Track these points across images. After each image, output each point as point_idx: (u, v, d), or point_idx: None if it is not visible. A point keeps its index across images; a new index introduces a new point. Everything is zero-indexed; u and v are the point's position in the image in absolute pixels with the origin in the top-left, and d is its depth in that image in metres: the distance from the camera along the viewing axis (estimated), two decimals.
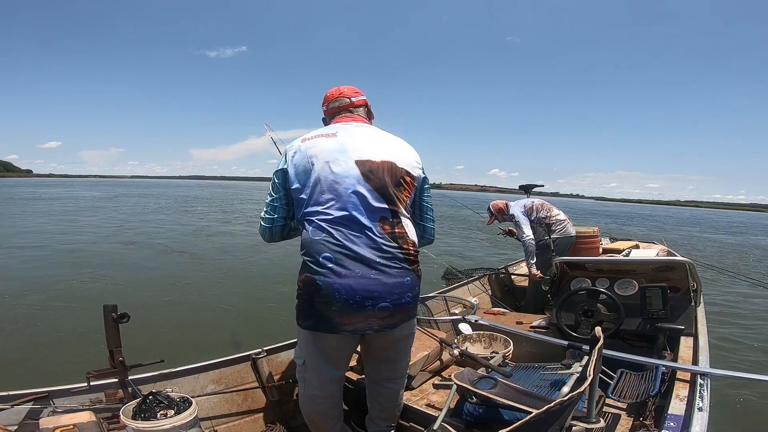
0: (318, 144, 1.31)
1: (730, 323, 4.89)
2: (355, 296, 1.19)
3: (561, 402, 0.85)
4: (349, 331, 1.26)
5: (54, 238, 9.26)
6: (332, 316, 1.22)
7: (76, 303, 4.74)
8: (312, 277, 1.22)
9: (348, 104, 1.47)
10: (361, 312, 1.21)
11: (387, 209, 1.26)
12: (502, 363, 1.98)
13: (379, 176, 1.27)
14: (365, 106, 1.50)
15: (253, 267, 7.18)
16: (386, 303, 1.22)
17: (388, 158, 1.31)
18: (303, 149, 1.32)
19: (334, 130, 1.36)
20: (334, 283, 1.19)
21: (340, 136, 1.32)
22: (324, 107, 1.52)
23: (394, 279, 1.23)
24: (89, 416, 1.31)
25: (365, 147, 1.30)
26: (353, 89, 1.50)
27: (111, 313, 1.52)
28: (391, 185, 1.28)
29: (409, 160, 1.35)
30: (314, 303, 1.24)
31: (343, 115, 1.45)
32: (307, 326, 1.30)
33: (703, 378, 1.59)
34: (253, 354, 1.97)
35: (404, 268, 1.26)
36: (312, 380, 1.40)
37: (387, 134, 1.40)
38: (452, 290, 3.43)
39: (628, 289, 2.33)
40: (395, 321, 1.28)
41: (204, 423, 1.68)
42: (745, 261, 11.55)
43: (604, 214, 34.93)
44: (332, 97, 1.49)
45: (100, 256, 7.49)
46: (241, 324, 4.37)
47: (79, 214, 15.37)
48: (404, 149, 1.37)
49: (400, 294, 1.25)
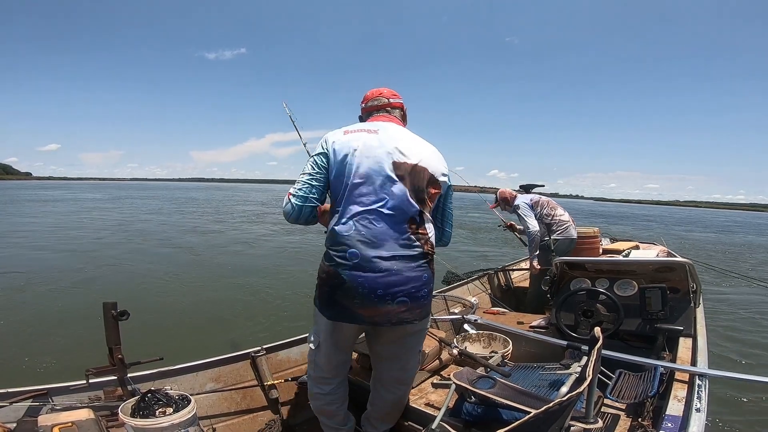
0: (360, 138, 1.34)
1: (729, 324, 4.90)
2: (377, 290, 1.24)
3: (560, 402, 0.85)
4: (368, 323, 1.31)
5: (55, 238, 9.26)
6: (354, 308, 1.27)
7: (75, 300, 4.75)
8: (336, 270, 1.26)
9: (386, 104, 1.51)
10: (382, 306, 1.26)
11: (416, 211, 1.31)
12: (501, 363, 1.99)
13: (412, 178, 1.32)
14: (401, 109, 1.55)
15: (253, 265, 7.18)
16: (404, 297, 1.27)
17: (422, 163, 1.35)
18: (345, 140, 1.34)
19: (376, 127, 1.39)
20: (358, 277, 1.24)
21: (381, 135, 1.35)
22: (363, 105, 1.56)
23: (413, 273, 1.28)
24: (88, 414, 1.31)
25: (403, 149, 1.34)
26: (392, 92, 1.54)
27: (111, 310, 1.52)
28: (422, 189, 1.33)
29: (438, 167, 1.39)
30: (336, 294, 1.28)
31: (381, 114, 1.50)
32: (329, 315, 1.34)
33: (701, 379, 1.59)
34: (253, 352, 1.97)
35: (421, 265, 1.31)
36: (321, 363, 1.47)
37: (421, 139, 1.44)
38: (452, 289, 3.43)
39: (627, 289, 2.33)
40: (412, 316, 1.32)
41: (203, 421, 1.68)
42: (731, 258, 11.55)
43: (598, 215, 34.98)
44: (372, 96, 1.54)
45: (101, 255, 7.50)
46: (241, 322, 4.37)
47: (79, 215, 15.38)
48: (436, 156, 1.41)
49: (417, 288, 1.30)
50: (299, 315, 4.47)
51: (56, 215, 14.42)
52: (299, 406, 1.97)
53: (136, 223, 13.01)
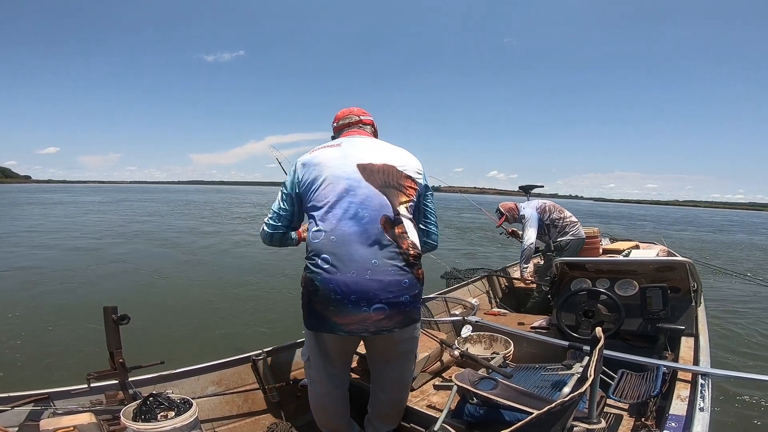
0: (323, 153, 1.40)
1: (730, 322, 4.88)
2: (350, 296, 1.22)
3: (562, 402, 0.85)
4: (345, 332, 1.28)
5: (55, 241, 9.27)
6: (329, 315, 1.26)
7: (76, 304, 4.74)
8: (310, 277, 1.27)
9: (356, 121, 1.57)
10: (357, 312, 1.23)
11: (389, 210, 1.30)
12: (503, 364, 1.98)
13: (379, 177, 1.32)
14: (372, 125, 1.60)
15: (254, 269, 7.18)
16: (381, 304, 1.24)
17: (389, 162, 1.37)
18: (309, 159, 1.40)
19: (339, 141, 1.46)
20: (329, 283, 1.23)
21: (344, 146, 1.41)
22: (334, 124, 1.60)
23: (390, 278, 1.24)
24: (89, 418, 1.31)
25: (367, 152, 1.37)
26: (362, 110, 1.61)
27: (111, 314, 1.52)
28: (391, 186, 1.33)
29: (410, 166, 1.41)
30: (312, 302, 1.28)
31: (351, 130, 1.55)
32: (308, 325, 1.36)
33: (704, 378, 1.58)
34: (254, 355, 1.97)
35: (402, 268, 1.26)
36: (315, 377, 1.48)
37: (389, 144, 1.47)
38: (452, 291, 3.43)
39: (628, 289, 2.32)
40: (392, 324, 1.28)
41: (204, 425, 1.68)
42: (720, 255, 11.52)
43: (596, 215, 34.95)
44: (342, 115, 1.59)
45: (101, 258, 7.50)
46: (241, 325, 4.36)
47: (80, 218, 15.38)
48: (406, 156, 1.43)
49: (396, 294, 1.25)
50: (300, 317, 4.46)
51: (58, 218, 14.42)
52: (301, 409, 1.96)
53: (135, 224, 13.01)
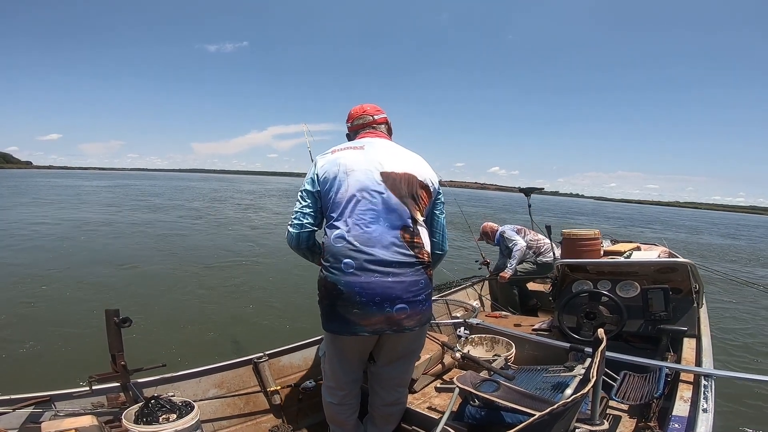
0: (347, 155, 1.41)
1: (732, 324, 4.87)
2: (375, 298, 1.27)
3: (564, 404, 0.85)
4: (369, 332, 1.32)
5: (55, 240, 9.27)
6: (353, 318, 1.30)
7: (78, 307, 4.74)
8: (333, 281, 1.30)
9: (371, 121, 1.58)
10: (380, 313, 1.29)
11: (407, 218, 1.34)
12: (505, 366, 1.98)
13: (401, 187, 1.36)
14: (386, 124, 1.61)
15: (255, 271, 7.17)
16: (403, 304, 1.30)
17: (410, 171, 1.40)
18: (332, 159, 1.41)
19: (362, 144, 1.47)
20: (354, 286, 1.27)
21: (367, 150, 1.43)
22: (348, 124, 1.62)
23: (410, 278, 1.32)
24: (91, 420, 1.31)
25: (389, 160, 1.40)
26: (375, 107, 1.61)
27: (113, 317, 1.52)
28: (411, 196, 1.37)
29: (427, 174, 1.45)
30: (336, 306, 1.31)
31: (367, 131, 1.56)
32: (330, 329, 1.38)
33: (707, 379, 1.58)
34: (255, 358, 1.97)
35: (417, 270, 1.34)
36: (329, 374, 1.52)
37: (407, 150, 1.50)
38: (453, 294, 3.43)
39: (630, 290, 2.32)
40: (413, 323, 1.34)
41: (206, 427, 1.68)
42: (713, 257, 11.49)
43: (595, 215, 34.87)
44: (356, 114, 1.60)
45: (102, 258, 7.50)
46: (243, 328, 4.36)
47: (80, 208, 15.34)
48: (422, 165, 1.47)
49: (415, 293, 1.33)
50: (301, 320, 4.45)
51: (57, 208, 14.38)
52: (302, 412, 1.96)
53: (138, 224, 12.99)
